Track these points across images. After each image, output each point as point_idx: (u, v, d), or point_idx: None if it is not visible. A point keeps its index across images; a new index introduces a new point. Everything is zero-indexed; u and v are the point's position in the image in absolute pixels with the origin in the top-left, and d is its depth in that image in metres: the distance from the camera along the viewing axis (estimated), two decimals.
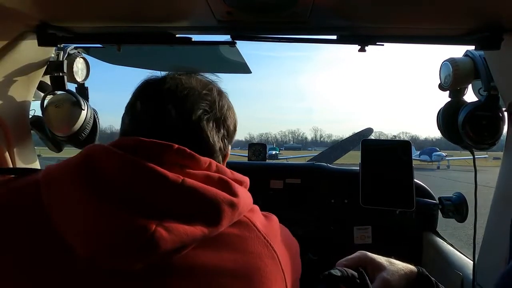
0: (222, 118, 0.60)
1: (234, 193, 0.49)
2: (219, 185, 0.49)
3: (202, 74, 0.63)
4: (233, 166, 0.65)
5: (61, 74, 1.12)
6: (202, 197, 0.46)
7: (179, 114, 0.55)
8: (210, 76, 0.64)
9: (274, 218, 0.59)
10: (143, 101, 0.57)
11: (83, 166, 0.46)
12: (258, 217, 0.54)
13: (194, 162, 0.50)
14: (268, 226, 0.55)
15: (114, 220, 0.42)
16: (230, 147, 0.65)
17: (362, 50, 0.93)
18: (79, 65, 1.18)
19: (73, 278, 0.42)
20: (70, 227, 0.43)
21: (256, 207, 0.57)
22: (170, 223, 0.43)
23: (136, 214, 0.42)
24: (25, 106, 1.11)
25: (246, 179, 0.58)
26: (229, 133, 0.62)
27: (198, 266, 0.45)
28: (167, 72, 0.60)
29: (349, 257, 0.71)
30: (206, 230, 0.45)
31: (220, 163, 0.59)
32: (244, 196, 0.51)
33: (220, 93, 0.62)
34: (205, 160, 0.51)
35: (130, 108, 0.58)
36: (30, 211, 0.46)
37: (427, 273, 0.65)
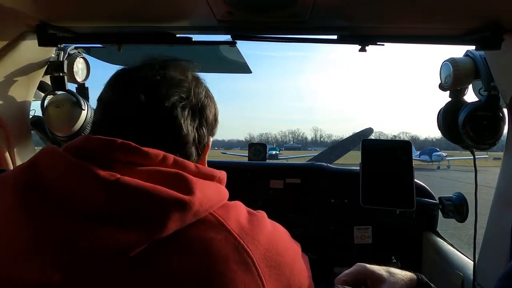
0: (199, 105, 0.55)
1: (188, 191, 0.43)
2: (170, 182, 0.43)
3: (179, 60, 0.59)
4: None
5: (61, 74, 1.12)
6: (140, 197, 0.41)
7: (150, 101, 0.51)
8: (190, 65, 0.59)
9: (261, 217, 0.51)
10: (114, 90, 0.54)
11: (25, 170, 0.44)
12: (234, 215, 0.47)
13: (141, 157, 0.45)
14: (248, 226, 0.47)
15: (33, 226, 0.39)
16: (211, 139, 0.61)
17: (362, 50, 0.93)
18: (79, 65, 1.18)
19: None
20: None
21: (237, 203, 0.51)
22: (100, 229, 0.39)
23: (62, 218, 0.39)
24: (25, 106, 1.11)
25: (219, 173, 0.52)
26: (208, 123, 0.57)
27: (145, 272, 0.40)
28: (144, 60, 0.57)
29: (348, 271, 0.68)
30: (145, 235, 0.40)
31: (192, 155, 0.54)
32: (206, 193, 0.45)
33: (197, 79, 0.58)
34: (157, 153, 0.46)
35: (101, 98, 0.55)
36: None
37: (426, 280, 0.65)
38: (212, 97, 0.60)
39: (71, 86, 1.17)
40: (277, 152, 25.14)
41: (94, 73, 1.24)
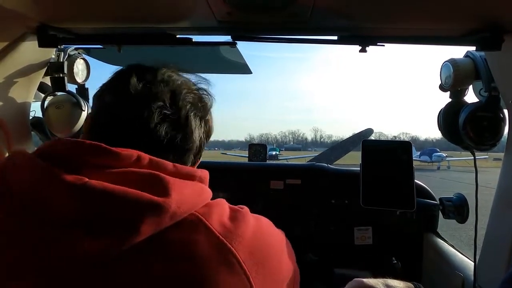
0: (206, 117, 0.58)
1: (163, 192, 0.41)
2: (143, 184, 0.41)
3: (187, 73, 0.60)
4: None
5: (61, 75, 1.12)
6: (109, 201, 0.39)
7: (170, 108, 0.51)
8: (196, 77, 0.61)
9: (244, 212, 0.50)
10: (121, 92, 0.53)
11: None
12: (216, 214, 0.46)
13: (112, 159, 0.43)
14: (231, 224, 0.46)
15: (3, 232, 0.39)
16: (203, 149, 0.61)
17: (362, 50, 0.92)
18: (79, 66, 1.18)
19: None
20: None
21: (219, 201, 0.50)
22: (71, 235, 0.37)
23: (33, 225, 0.38)
24: (25, 107, 1.11)
25: (201, 172, 0.50)
26: (208, 135, 0.59)
27: (124, 279, 0.39)
28: (158, 67, 0.57)
29: None
30: (117, 241, 0.38)
31: (190, 162, 0.55)
32: (185, 193, 0.43)
33: (205, 90, 0.60)
34: (130, 154, 0.44)
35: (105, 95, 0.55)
36: None
37: None
38: (211, 112, 0.61)
39: (71, 87, 1.17)
40: (277, 153, 25.14)
41: (93, 74, 1.24)
